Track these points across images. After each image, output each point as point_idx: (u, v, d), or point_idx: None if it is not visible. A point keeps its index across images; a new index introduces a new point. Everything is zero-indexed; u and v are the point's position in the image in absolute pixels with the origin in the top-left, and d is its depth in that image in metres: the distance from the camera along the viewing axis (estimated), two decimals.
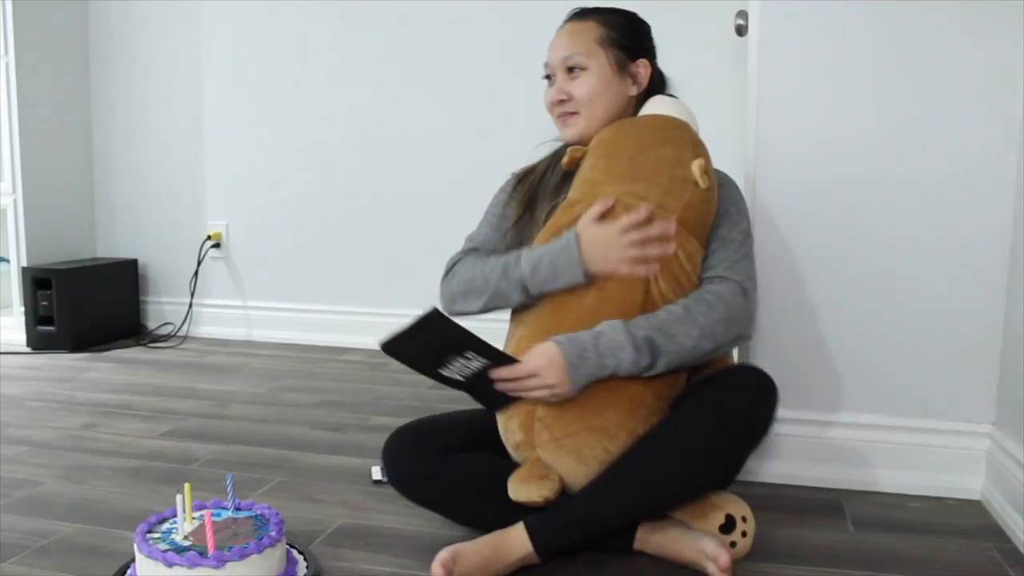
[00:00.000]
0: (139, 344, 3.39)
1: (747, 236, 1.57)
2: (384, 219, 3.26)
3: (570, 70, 1.61)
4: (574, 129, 1.63)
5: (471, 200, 1.94)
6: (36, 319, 3.30)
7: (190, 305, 3.53)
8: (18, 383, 2.79)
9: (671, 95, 1.66)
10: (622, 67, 1.62)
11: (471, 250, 1.66)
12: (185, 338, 3.50)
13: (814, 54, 1.81)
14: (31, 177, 3.36)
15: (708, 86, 2.76)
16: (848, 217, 1.82)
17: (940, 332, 1.80)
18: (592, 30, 1.62)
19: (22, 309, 3.35)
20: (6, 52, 3.26)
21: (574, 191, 1.57)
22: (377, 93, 3.21)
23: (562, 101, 1.62)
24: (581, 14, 1.66)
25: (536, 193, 1.67)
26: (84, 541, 1.60)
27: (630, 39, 1.64)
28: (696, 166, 1.48)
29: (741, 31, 2.00)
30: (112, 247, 3.67)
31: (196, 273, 3.50)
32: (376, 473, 1.93)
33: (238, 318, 3.51)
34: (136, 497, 1.82)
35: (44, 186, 3.43)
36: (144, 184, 3.59)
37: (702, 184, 1.48)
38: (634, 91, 1.64)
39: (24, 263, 3.35)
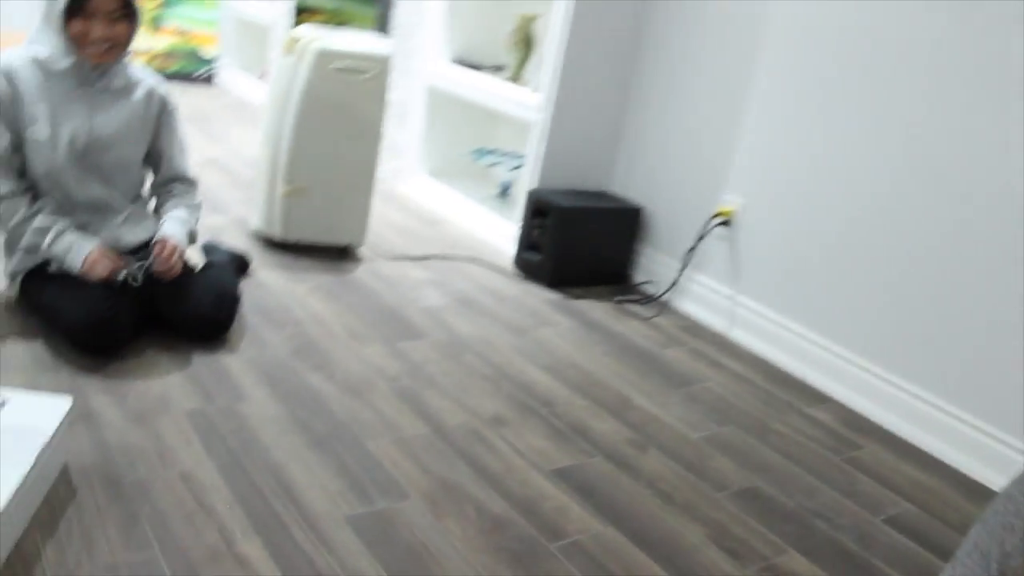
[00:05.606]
0: (615, 297, 3.15)
1: None
2: (926, 269, 2.51)
3: None
4: None
5: None
6: (528, 244, 3.22)
7: (680, 274, 3.18)
8: (481, 318, 2.72)
9: None
10: None
11: None
12: (664, 308, 3.18)
13: None
14: (564, 98, 3.20)
15: None
16: None
17: None
18: None
19: (519, 226, 3.29)
20: None
21: None
22: (973, 109, 2.37)
23: None
24: None
25: None
26: None
27: None
28: None
29: None
30: (624, 186, 3.42)
31: (693, 248, 3.11)
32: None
33: (722, 307, 3.07)
34: None
35: (575, 110, 3.25)
36: (672, 137, 3.22)
37: None
38: None
39: (534, 186, 3.25)
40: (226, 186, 3.61)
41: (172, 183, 2.37)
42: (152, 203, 2.40)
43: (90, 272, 2.07)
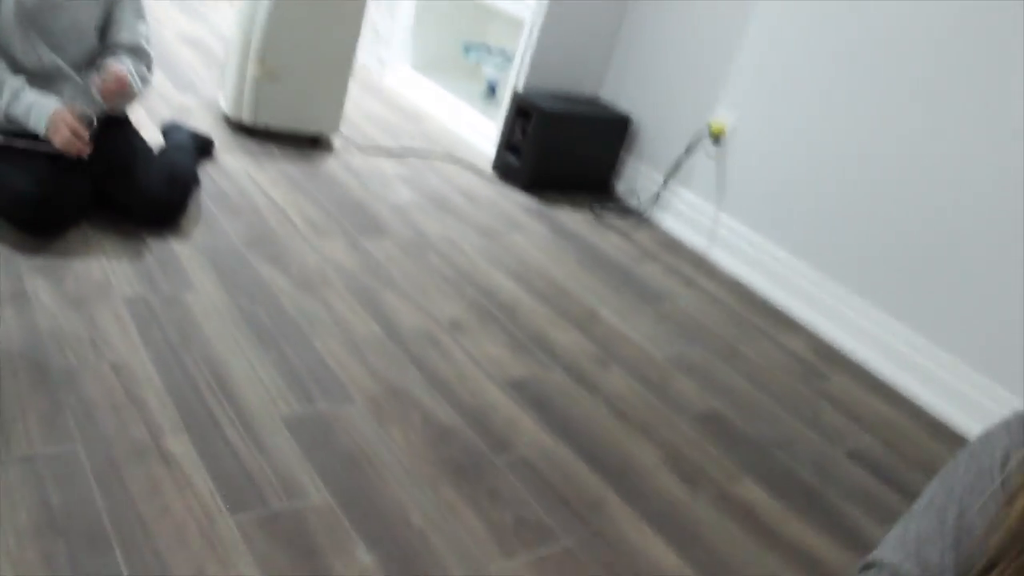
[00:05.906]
0: (593, 207, 3.05)
1: None
2: (916, 205, 2.40)
3: None
4: None
5: None
6: (508, 145, 3.09)
7: (663, 187, 3.06)
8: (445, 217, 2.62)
9: None
10: None
11: None
12: (643, 221, 3.08)
13: None
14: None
15: None
16: None
17: None
18: None
19: (501, 127, 3.15)
20: None
21: None
22: (978, 41, 2.23)
23: None
24: None
25: None
26: None
27: None
28: None
29: None
30: (615, 93, 3.27)
31: (679, 163, 2.99)
32: None
33: (704, 225, 2.97)
34: None
35: (570, 10, 3.08)
36: (669, 46, 3.06)
37: None
38: None
39: (520, 86, 3.10)
40: (200, 66, 3.45)
41: (119, 50, 2.18)
42: None
43: (55, 134, 1.94)
